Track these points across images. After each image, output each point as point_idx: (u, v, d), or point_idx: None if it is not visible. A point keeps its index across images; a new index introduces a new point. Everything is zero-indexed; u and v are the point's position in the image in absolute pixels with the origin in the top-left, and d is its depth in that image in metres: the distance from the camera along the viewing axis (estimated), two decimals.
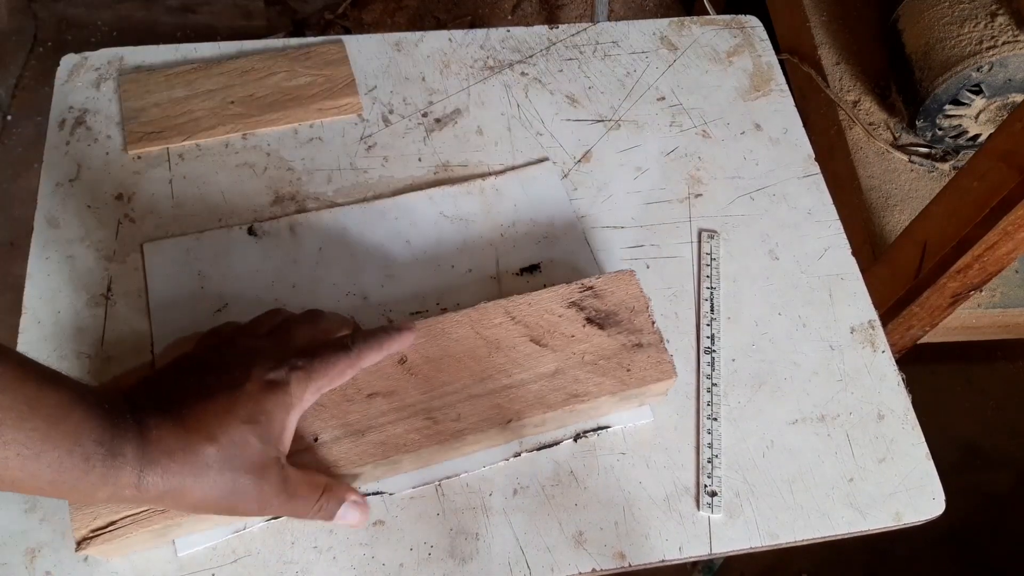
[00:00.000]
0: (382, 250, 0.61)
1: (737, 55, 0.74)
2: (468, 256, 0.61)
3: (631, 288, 0.55)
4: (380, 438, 0.49)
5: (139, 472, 0.36)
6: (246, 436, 0.39)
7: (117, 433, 0.36)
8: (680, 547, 0.52)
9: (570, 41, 0.73)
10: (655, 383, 0.52)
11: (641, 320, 0.54)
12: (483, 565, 0.50)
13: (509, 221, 0.63)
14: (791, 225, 0.65)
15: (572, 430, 0.55)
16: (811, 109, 1.24)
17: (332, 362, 0.45)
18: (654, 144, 0.68)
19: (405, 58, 0.71)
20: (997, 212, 0.81)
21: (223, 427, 0.39)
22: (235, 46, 0.69)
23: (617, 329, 0.54)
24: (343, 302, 0.58)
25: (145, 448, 0.36)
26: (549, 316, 0.54)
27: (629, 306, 0.54)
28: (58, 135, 0.64)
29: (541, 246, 0.62)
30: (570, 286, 0.55)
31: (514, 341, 0.53)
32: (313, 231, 0.61)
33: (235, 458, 0.39)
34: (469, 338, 0.53)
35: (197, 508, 0.40)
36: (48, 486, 0.34)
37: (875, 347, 0.60)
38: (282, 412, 0.41)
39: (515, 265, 0.61)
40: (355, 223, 0.62)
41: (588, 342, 0.53)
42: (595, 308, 0.54)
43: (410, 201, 0.63)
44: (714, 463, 0.54)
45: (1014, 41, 1.01)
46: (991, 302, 1.12)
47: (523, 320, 0.53)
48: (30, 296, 0.57)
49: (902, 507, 0.54)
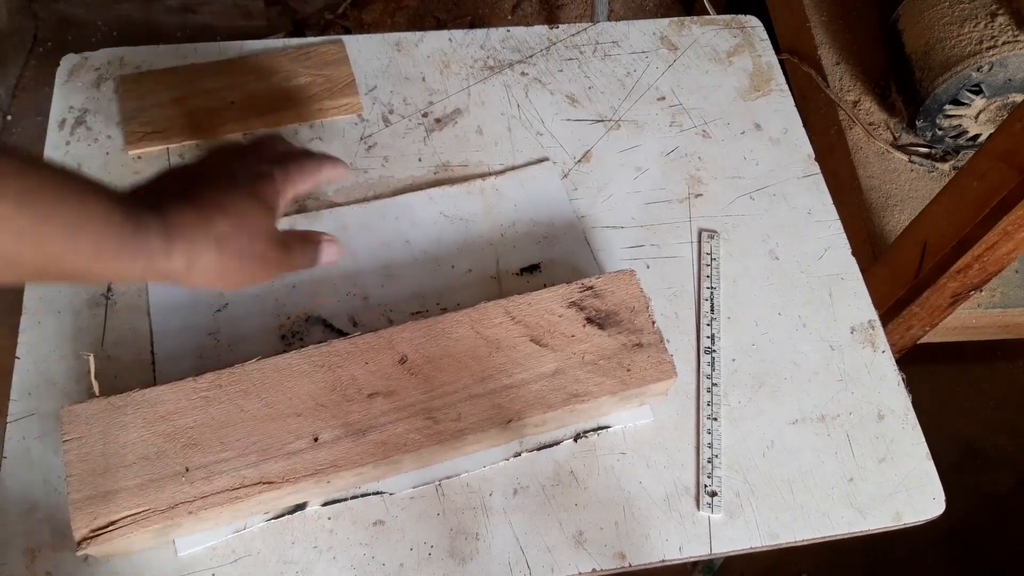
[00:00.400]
0: (382, 250, 0.61)
1: (737, 55, 0.74)
2: (468, 256, 0.61)
3: (631, 288, 0.55)
4: (381, 438, 0.49)
5: (167, 242, 0.41)
6: (251, 207, 0.46)
7: (142, 212, 0.41)
8: (680, 547, 0.52)
9: (570, 41, 0.73)
10: (655, 383, 0.52)
11: (641, 320, 0.54)
12: (483, 565, 0.50)
13: (509, 221, 0.63)
14: (791, 225, 0.65)
15: (572, 430, 0.55)
16: (811, 109, 1.24)
17: (302, 162, 0.52)
18: (654, 144, 0.68)
19: (405, 58, 0.71)
20: (997, 212, 0.81)
21: (232, 202, 0.45)
22: (235, 46, 0.69)
23: (617, 329, 0.54)
24: (343, 302, 0.58)
25: (167, 223, 0.42)
26: (549, 316, 0.54)
27: (629, 306, 0.54)
28: (58, 135, 0.64)
29: (541, 246, 0.62)
30: (570, 286, 0.55)
31: (514, 341, 0.53)
32: (317, 229, 0.61)
33: (246, 225, 0.45)
34: (469, 338, 0.53)
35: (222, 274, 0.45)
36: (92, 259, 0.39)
37: (875, 347, 0.60)
38: (272, 193, 0.48)
39: (515, 265, 0.61)
40: (355, 223, 0.62)
41: (588, 342, 0.53)
42: (595, 308, 0.54)
43: (410, 201, 0.63)
44: (714, 463, 0.54)
45: (1014, 41, 1.01)
46: (991, 302, 1.12)
47: (523, 320, 0.53)
48: (30, 296, 0.57)
49: (902, 507, 0.54)
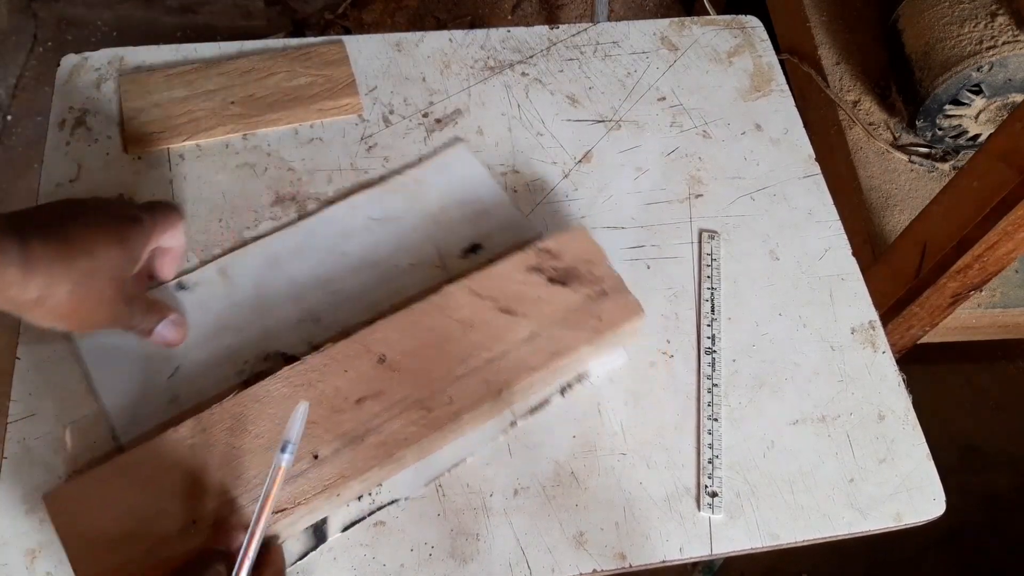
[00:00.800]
0: (321, 268, 0.59)
1: (737, 55, 0.74)
2: (408, 252, 0.61)
3: (584, 243, 0.57)
4: (379, 439, 0.49)
5: (25, 270, 0.41)
6: (115, 252, 0.46)
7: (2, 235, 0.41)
8: (681, 548, 0.52)
9: (570, 41, 0.73)
10: (626, 324, 0.54)
11: (600, 270, 0.55)
12: (484, 566, 0.50)
13: (438, 208, 0.63)
14: (792, 225, 0.65)
15: (557, 386, 0.56)
16: (811, 109, 1.24)
17: (168, 211, 0.52)
18: (654, 144, 0.68)
19: (405, 58, 0.71)
20: (997, 212, 0.81)
21: (97, 243, 0.45)
22: (235, 46, 0.69)
23: (579, 283, 0.55)
24: (297, 330, 0.56)
25: (29, 253, 0.42)
26: (512, 285, 0.55)
27: (586, 259, 0.56)
28: (58, 135, 0.64)
29: (476, 224, 0.62)
30: (526, 252, 0.56)
31: (485, 316, 0.53)
32: (245, 268, 0.59)
33: (105, 269, 0.46)
34: (442, 323, 0.53)
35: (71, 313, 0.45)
36: None
37: (876, 348, 0.60)
38: (140, 240, 0.49)
39: (456, 248, 0.61)
40: (285, 250, 0.60)
41: (555, 301, 0.54)
42: (554, 268, 0.55)
43: (334, 214, 0.62)
44: (715, 463, 0.54)
45: (1014, 41, 1.01)
46: (991, 302, 1.12)
47: (489, 294, 0.54)
48: None
49: (902, 508, 0.54)
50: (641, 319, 0.55)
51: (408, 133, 0.67)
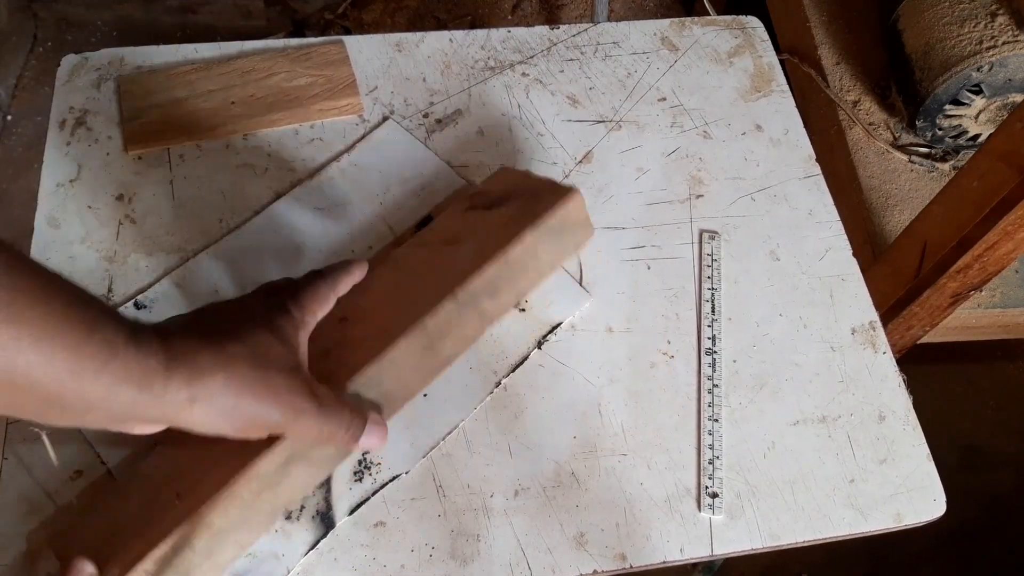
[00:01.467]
0: (278, 266, 0.59)
1: (738, 56, 0.74)
2: (361, 236, 0.61)
3: (512, 174, 0.59)
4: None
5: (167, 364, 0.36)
6: (269, 339, 0.41)
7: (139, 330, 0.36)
8: (681, 548, 0.52)
9: (571, 42, 0.73)
10: (565, 205, 0.51)
11: (531, 183, 0.56)
12: (484, 566, 0.50)
13: (382, 188, 0.63)
14: (792, 226, 0.65)
15: (532, 340, 0.57)
16: (811, 109, 1.24)
17: (314, 287, 0.49)
18: (655, 145, 0.68)
19: (406, 59, 0.71)
20: (997, 212, 0.81)
21: (246, 331, 0.41)
22: (235, 46, 0.69)
23: (515, 199, 0.55)
24: None
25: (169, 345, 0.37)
26: (454, 225, 0.57)
27: (517, 183, 0.58)
28: (58, 135, 0.64)
29: (422, 197, 0.63)
30: (459, 197, 0.59)
31: (432, 254, 0.55)
32: (200, 276, 0.59)
33: (262, 356, 0.40)
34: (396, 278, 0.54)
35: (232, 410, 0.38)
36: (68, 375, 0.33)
37: (876, 348, 0.60)
38: (292, 329, 0.44)
39: (408, 224, 0.62)
40: (239, 251, 0.60)
41: (494, 219, 0.55)
42: (489, 199, 0.57)
43: (279, 210, 0.62)
44: (715, 464, 0.54)
45: (1014, 41, 1.01)
46: (991, 302, 1.12)
47: (433, 241, 0.56)
48: None
49: (903, 508, 0.54)
50: (579, 200, 0.52)
51: (408, 133, 0.67)
